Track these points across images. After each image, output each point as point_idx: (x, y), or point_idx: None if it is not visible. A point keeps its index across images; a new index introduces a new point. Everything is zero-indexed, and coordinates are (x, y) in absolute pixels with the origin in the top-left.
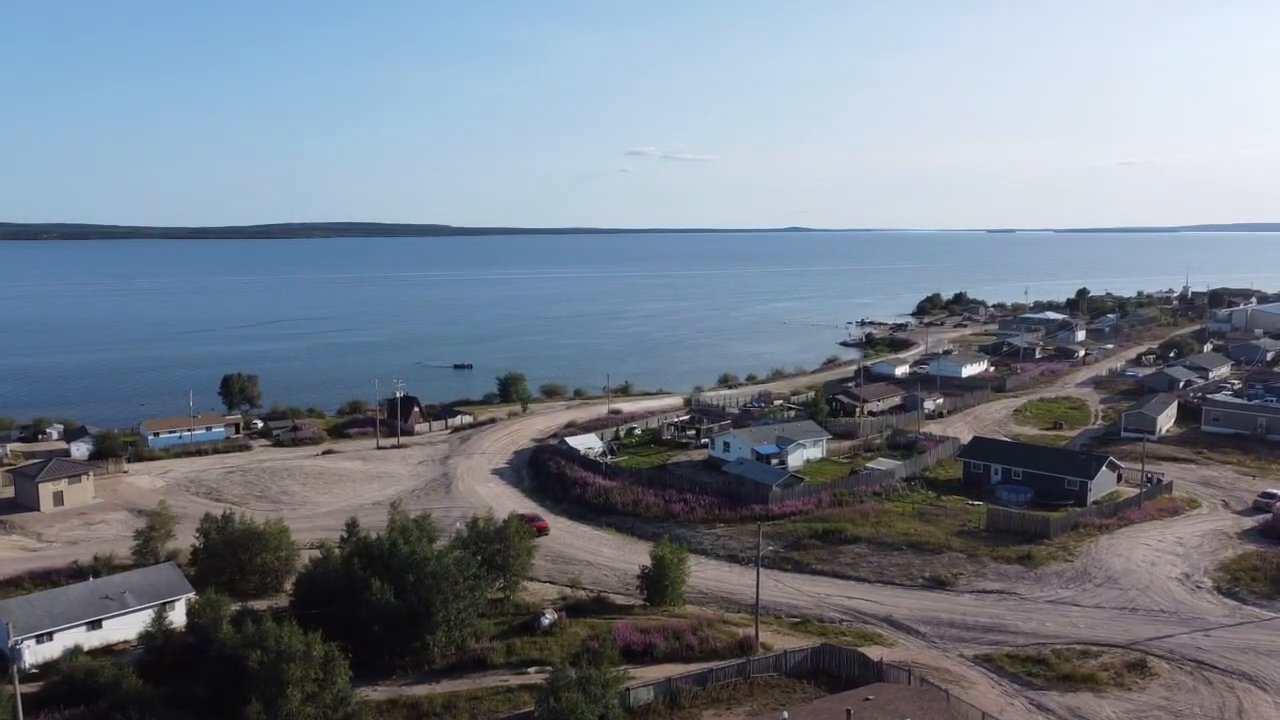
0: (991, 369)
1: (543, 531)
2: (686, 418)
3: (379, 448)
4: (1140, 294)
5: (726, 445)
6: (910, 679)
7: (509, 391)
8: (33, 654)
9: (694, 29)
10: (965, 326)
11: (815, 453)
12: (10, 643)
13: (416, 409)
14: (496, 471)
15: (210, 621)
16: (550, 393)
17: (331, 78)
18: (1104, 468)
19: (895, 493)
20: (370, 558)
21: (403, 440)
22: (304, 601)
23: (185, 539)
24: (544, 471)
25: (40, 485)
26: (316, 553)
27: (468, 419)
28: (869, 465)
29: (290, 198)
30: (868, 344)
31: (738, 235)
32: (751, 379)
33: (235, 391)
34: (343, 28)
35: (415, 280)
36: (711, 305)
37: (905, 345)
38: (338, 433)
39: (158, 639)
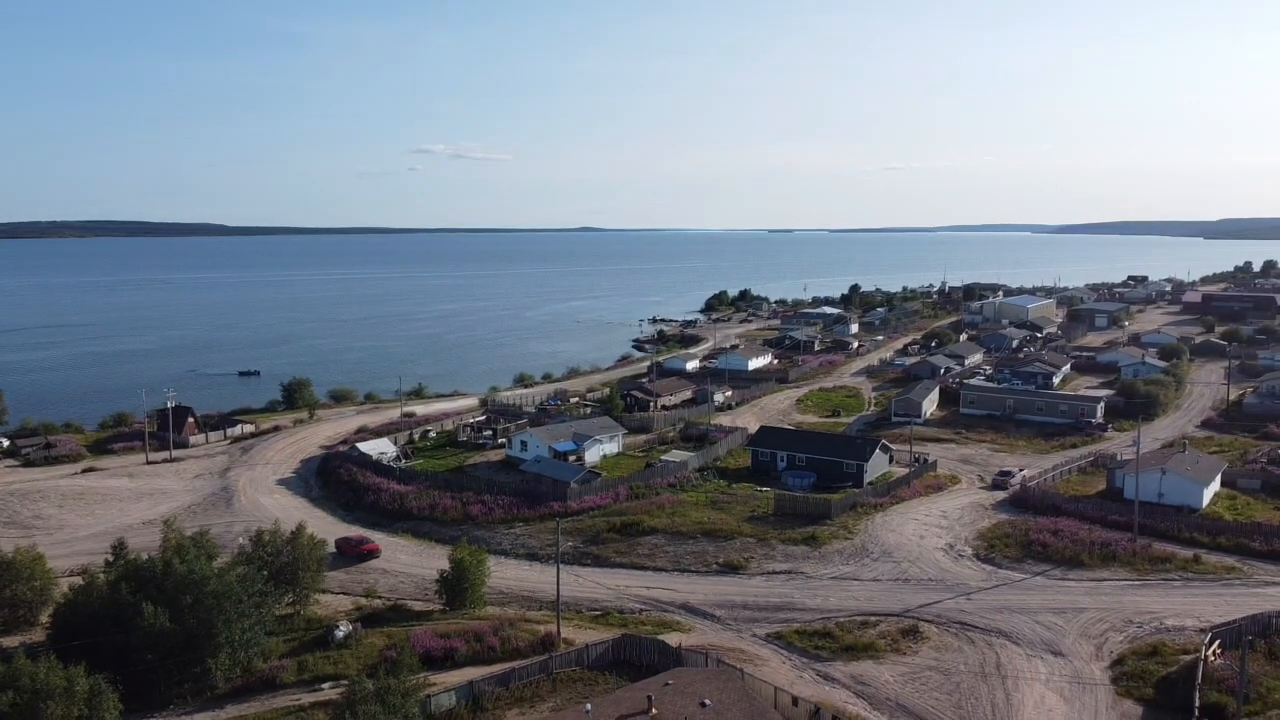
0: (775, 362)
1: (373, 553)
2: (483, 418)
3: (149, 463)
4: (905, 289)
5: (524, 444)
6: (708, 661)
7: (294, 398)
8: None
9: (484, 27)
10: (750, 322)
11: (612, 448)
12: None
13: (191, 419)
14: (283, 482)
15: None
16: (339, 398)
17: (81, 61)
18: (877, 450)
19: (689, 483)
20: (141, 581)
21: (176, 454)
22: (64, 634)
23: None
24: (334, 479)
25: None
26: (78, 580)
27: (249, 428)
28: (664, 458)
29: (39, 193)
30: (659, 340)
31: (531, 235)
32: (548, 378)
33: None
34: (99, 8)
35: (185, 283)
36: (505, 305)
37: (695, 341)
38: (100, 448)
39: None
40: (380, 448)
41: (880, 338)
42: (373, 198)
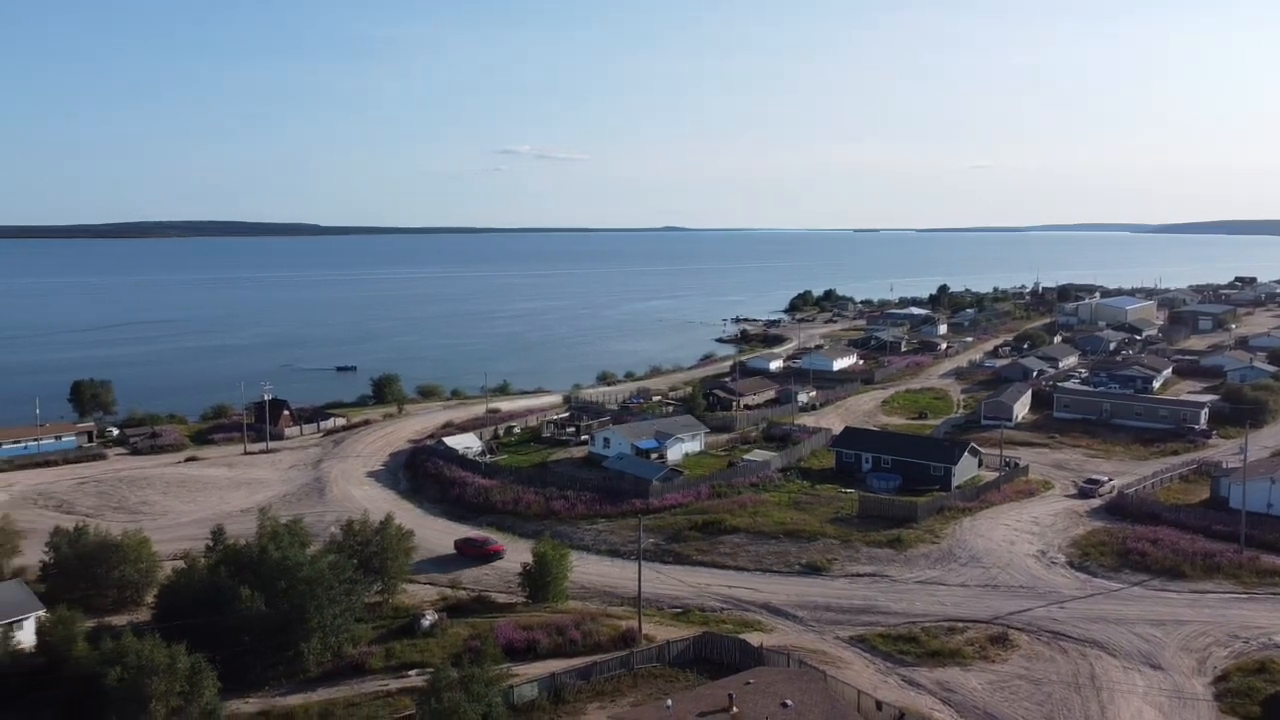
0: (860, 362)
1: (498, 554)
2: (566, 415)
3: (246, 453)
4: (995, 290)
5: (606, 441)
6: (789, 662)
7: (384, 393)
8: None
9: (567, 27)
10: (835, 322)
11: (694, 447)
12: None
13: (286, 412)
14: (372, 474)
15: (62, 640)
16: (427, 393)
17: (188, 69)
18: (966, 454)
19: (771, 483)
20: (239, 565)
21: (272, 445)
22: (167, 614)
23: (33, 555)
24: (421, 472)
25: None
26: (180, 563)
27: (341, 422)
28: (746, 457)
29: (142, 194)
30: (743, 340)
31: (612, 235)
32: (630, 376)
33: (87, 398)
34: (201, 18)
35: (281, 281)
36: (586, 304)
37: (778, 341)
38: (201, 439)
39: (3, 661)
40: (466, 443)
41: (969, 339)
42: (459, 198)
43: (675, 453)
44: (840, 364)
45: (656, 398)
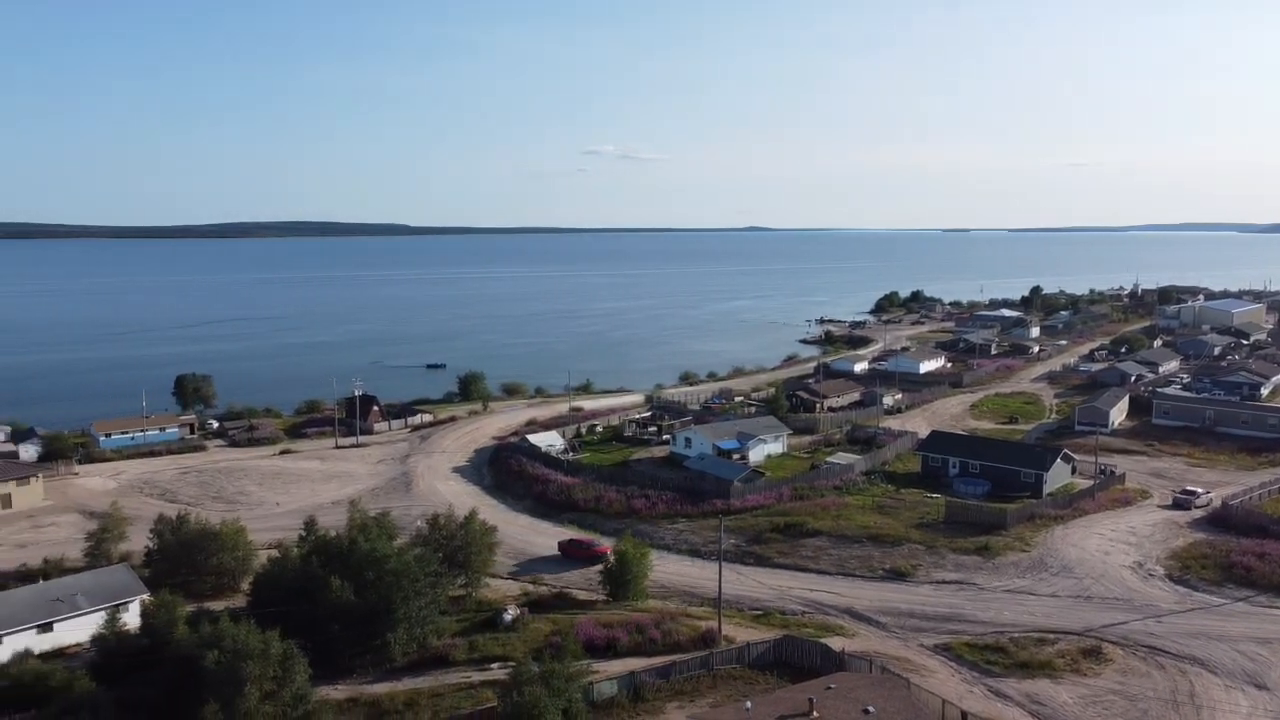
0: (948, 365)
1: (603, 556)
2: (648, 415)
3: (337, 447)
4: (1092, 291)
5: (688, 441)
6: (871, 668)
7: (469, 390)
8: None
9: (650, 29)
10: (922, 324)
11: (776, 448)
12: None
13: (375, 408)
14: (457, 470)
15: (165, 622)
16: (511, 391)
17: (282, 79)
18: (1058, 460)
19: (855, 486)
20: (329, 556)
21: (361, 439)
22: (261, 601)
23: (138, 541)
24: (505, 469)
25: None
26: (274, 552)
27: (427, 418)
28: (829, 460)
29: (243, 197)
30: (826, 341)
31: (695, 235)
32: (712, 376)
33: (189, 392)
34: (292, 29)
35: (371, 280)
36: (669, 304)
37: (864, 342)
38: (295, 432)
39: (110, 641)
40: (549, 440)
41: (1063, 342)
42: (544, 198)
43: (757, 454)
44: (927, 366)
45: (738, 398)
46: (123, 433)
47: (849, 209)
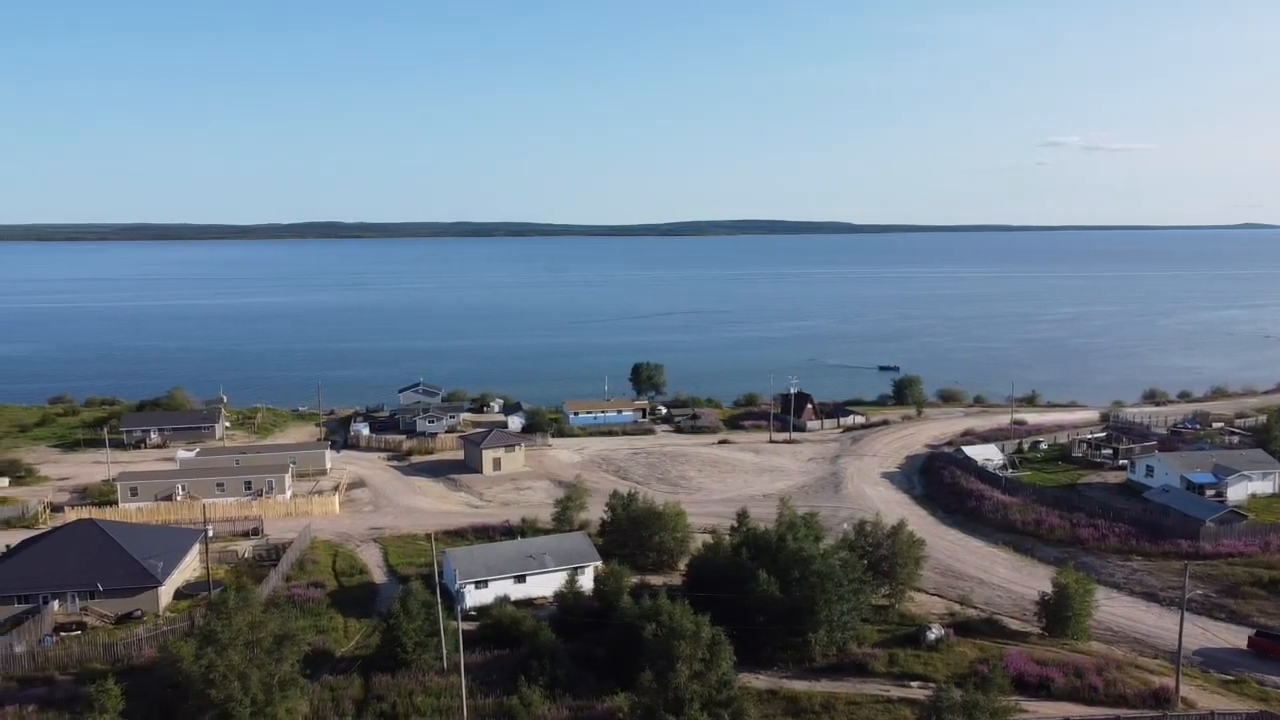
0: None
1: None
2: (1102, 435)
3: (771, 441)
4: None
5: (1149, 469)
6: None
7: (903, 394)
8: (471, 597)
9: (1122, 8)
10: None
11: (1264, 487)
12: (457, 585)
13: (809, 405)
14: (886, 475)
15: (613, 590)
16: (947, 397)
17: (720, 79)
18: None
19: None
20: (758, 549)
21: (794, 436)
22: (695, 583)
23: (595, 511)
24: (936, 479)
25: (484, 451)
26: (708, 538)
27: (859, 419)
28: None
29: (695, 197)
30: None
31: (1175, 233)
32: (1184, 396)
33: (644, 379)
34: (730, 27)
35: (814, 277)
36: (1140, 310)
37: None
38: (732, 423)
39: (569, 600)
40: (986, 453)
41: None
42: (996, 194)
43: (1238, 491)
44: None
45: (1218, 425)
46: (588, 413)
47: None
